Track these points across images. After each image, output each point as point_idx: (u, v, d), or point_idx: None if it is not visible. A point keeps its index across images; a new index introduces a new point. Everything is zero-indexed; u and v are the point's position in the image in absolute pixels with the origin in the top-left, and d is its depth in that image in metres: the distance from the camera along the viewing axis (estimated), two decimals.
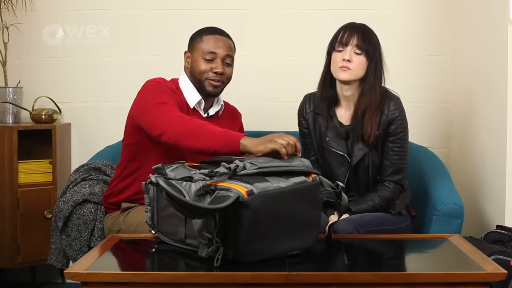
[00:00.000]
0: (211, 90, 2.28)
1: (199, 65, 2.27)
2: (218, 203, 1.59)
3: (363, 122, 2.23)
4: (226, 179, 1.70)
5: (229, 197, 1.60)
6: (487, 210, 2.64)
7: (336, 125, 2.29)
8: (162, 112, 2.10)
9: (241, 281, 1.57)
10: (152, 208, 1.89)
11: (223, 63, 2.28)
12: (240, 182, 1.66)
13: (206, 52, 2.26)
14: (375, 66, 2.22)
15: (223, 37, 2.32)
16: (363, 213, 2.21)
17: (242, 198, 1.61)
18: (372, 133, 2.22)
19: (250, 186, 1.63)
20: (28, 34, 3.15)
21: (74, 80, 3.19)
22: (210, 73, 2.26)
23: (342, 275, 1.62)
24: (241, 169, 1.71)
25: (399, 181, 2.28)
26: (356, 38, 2.20)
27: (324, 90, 2.30)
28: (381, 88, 2.25)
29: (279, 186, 1.69)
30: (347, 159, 2.27)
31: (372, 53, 2.21)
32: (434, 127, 3.18)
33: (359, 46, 2.19)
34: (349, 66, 2.19)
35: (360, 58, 2.20)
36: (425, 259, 1.90)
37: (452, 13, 3.12)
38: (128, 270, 1.63)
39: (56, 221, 2.40)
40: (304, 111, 2.35)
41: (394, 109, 2.24)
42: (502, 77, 2.46)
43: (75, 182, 2.50)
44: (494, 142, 2.57)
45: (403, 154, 2.28)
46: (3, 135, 2.87)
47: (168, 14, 3.14)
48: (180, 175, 1.74)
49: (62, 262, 2.43)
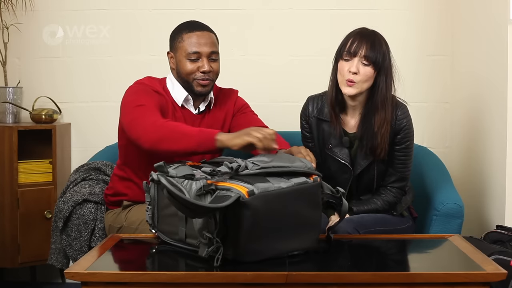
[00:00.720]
0: (200, 90, 2.22)
1: (184, 66, 2.20)
2: (219, 203, 1.59)
3: (373, 134, 2.16)
4: (227, 178, 1.69)
5: (229, 197, 1.60)
6: (487, 210, 2.64)
7: (341, 133, 2.24)
8: (137, 117, 2.06)
9: (241, 281, 1.57)
10: (152, 207, 1.88)
11: (209, 59, 2.21)
12: (241, 182, 1.65)
13: (189, 53, 2.19)
14: (385, 77, 2.13)
15: (204, 33, 2.22)
16: (363, 214, 2.20)
17: (243, 198, 1.61)
18: (385, 147, 2.17)
19: (251, 186, 1.63)
20: (28, 34, 3.15)
21: (74, 80, 3.19)
22: (197, 73, 2.20)
23: (342, 275, 1.61)
24: (243, 169, 1.71)
25: (402, 187, 2.28)
26: (364, 49, 2.10)
27: (334, 97, 2.21)
28: (392, 99, 2.18)
29: (280, 187, 1.68)
30: (349, 168, 2.24)
31: (381, 63, 2.11)
32: (434, 127, 3.18)
33: (367, 57, 2.10)
34: (354, 79, 2.10)
35: (367, 69, 2.11)
36: (425, 259, 1.90)
37: (452, 13, 3.12)
38: (128, 270, 1.63)
39: (56, 221, 2.40)
40: (307, 114, 2.29)
41: (401, 118, 2.18)
42: (502, 77, 2.46)
43: (75, 182, 2.51)
44: (494, 142, 2.56)
45: (407, 162, 2.25)
46: (3, 135, 2.87)
47: (168, 14, 3.14)
48: (181, 173, 1.74)
49: (62, 262, 2.43)
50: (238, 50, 3.17)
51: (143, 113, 2.07)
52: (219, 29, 3.14)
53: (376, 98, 2.15)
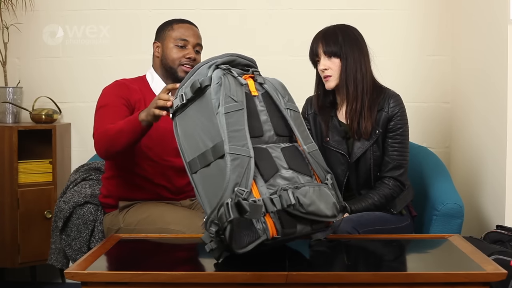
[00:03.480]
0: (184, 75, 2.29)
1: (171, 52, 2.34)
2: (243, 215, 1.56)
3: (356, 115, 2.25)
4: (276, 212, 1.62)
5: (258, 233, 1.59)
6: (487, 210, 2.64)
7: (336, 125, 2.30)
8: (95, 127, 2.21)
9: (241, 281, 1.57)
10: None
11: (194, 50, 2.36)
12: (276, 219, 1.61)
13: (178, 39, 2.34)
14: (346, 61, 2.24)
15: (193, 26, 2.41)
16: (362, 213, 2.21)
17: (267, 240, 1.60)
18: (365, 125, 2.23)
19: (280, 229, 1.60)
20: (28, 34, 3.15)
21: (74, 80, 3.19)
22: (183, 59, 2.33)
23: (342, 275, 1.61)
24: (290, 207, 1.62)
25: (399, 177, 2.28)
26: (321, 46, 2.26)
27: (320, 100, 2.34)
28: (366, 77, 2.25)
29: (300, 232, 1.68)
30: (346, 158, 2.27)
31: (340, 51, 2.24)
32: (434, 127, 3.18)
33: (326, 52, 2.25)
34: (328, 73, 2.25)
35: (334, 61, 2.25)
36: (425, 259, 1.90)
37: (452, 13, 3.12)
38: (128, 270, 1.63)
39: (56, 221, 2.40)
40: (306, 113, 2.39)
41: (394, 106, 2.26)
42: (502, 77, 2.46)
43: (75, 182, 2.51)
44: (494, 142, 2.56)
45: (402, 150, 2.28)
46: (3, 135, 2.87)
47: (168, 14, 3.11)
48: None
49: (62, 262, 2.43)
50: (238, 50, 3.16)
51: (102, 117, 2.21)
52: (219, 29, 3.18)
53: (350, 80, 2.24)
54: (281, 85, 1.88)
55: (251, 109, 1.74)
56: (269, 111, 1.79)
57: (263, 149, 1.71)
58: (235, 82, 1.74)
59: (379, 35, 3.08)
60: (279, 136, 1.78)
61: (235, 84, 1.73)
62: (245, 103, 1.70)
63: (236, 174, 1.59)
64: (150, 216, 2.20)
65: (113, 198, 2.35)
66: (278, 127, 1.79)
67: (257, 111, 1.76)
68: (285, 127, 1.81)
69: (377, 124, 2.25)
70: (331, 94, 2.33)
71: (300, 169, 1.73)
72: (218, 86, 1.70)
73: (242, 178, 1.59)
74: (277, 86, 1.85)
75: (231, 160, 1.60)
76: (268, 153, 1.71)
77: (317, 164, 1.79)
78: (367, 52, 2.28)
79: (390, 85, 2.34)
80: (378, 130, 2.25)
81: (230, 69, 1.77)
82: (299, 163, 1.75)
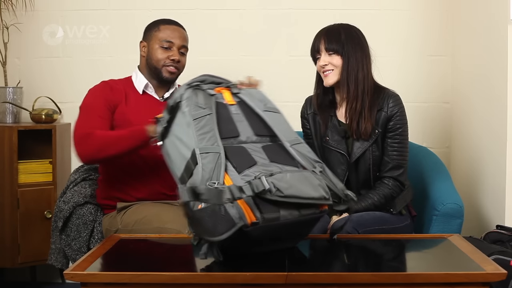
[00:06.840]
0: (167, 76, 2.39)
1: (156, 53, 2.39)
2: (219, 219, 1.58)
3: (355, 115, 2.25)
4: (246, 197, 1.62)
5: (232, 221, 1.58)
6: (487, 210, 2.64)
7: (336, 124, 2.31)
8: (77, 126, 2.24)
9: (241, 281, 1.57)
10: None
11: (179, 52, 2.40)
12: (253, 206, 1.61)
13: (163, 41, 2.38)
14: (348, 59, 2.24)
15: (179, 28, 2.44)
16: (362, 213, 2.21)
17: (246, 227, 1.59)
18: (365, 125, 2.23)
19: (259, 215, 1.60)
20: (28, 34, 3.15)
21: (74, 80, 3.19)
22: (167, 60, 2.38)
23: (342, 275, 1.61)
24: (265, 193, 1.62)
25: (398, 177, 2.28)
26: (323, 42, 2.27)
27: (320, 99, 2.34)
28: (368, 78, 2.26)
29: (286, 217, 1.66)
30: (346, 158, 2.27)
31: (342, 49, 2.24)
32: (434, 127, 3.18)
33: (328, 48, 2.26)
34: (328, 68, 2.26)
35: (335, 58, 2.25)
36: (425, 259, 1.90)
37: (452, 13, 3.12)
38: (128, 270, 1.63)
39: (56, 221, 2.40)
40: (305, 113, 2.40)
41: (393, 106, 2.26)
42: (502, 77, 2.46)
43: (75, 182, 2.51)
44: (494, 142, 2.56)
45: (402, 150, 2.28)
46: (3, 135, 2.87)
47: (168, 14, 3.11)
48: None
49: (62, 262, 2.43)
50: (238, 50, 3.17)
51: (78, 125, 2.25)
52: (219, 29, 3.18)
53: (351, 78, 2.25)
54: (259, 93, 1.98)
55: (224, 115, 1.83)
56: (246, 115, 1.88)
57: (238, 147, 1.77)
58: (204, 94, 1.85)
59: (380, 35, 3.07)
60: (259, 136, 1.84)
61: (203, 96, 1.84)
62: (214, 109, 1.81)
63: (207, 170, 1.64)
64: (147, 216, 2.21)
65: (111, 200, 2.36)
66: (257, 128, 1.85)
67: (230, 116, 1.85)
68: (265, 128, 1.87)
69: (376, 124, 2.25)
70: (330, 93, 2.33)
71: (284, 161, 1.77)
72: (188, 100, 1.81)
73: (213, 172, 1.64)
74: (254, 94, 1.95)
75: (202, 159, 1.67)
76: (243, 149, 1.77)
77: (302, 155, 1.81)
78: (369, 53, 2.28)
79: (391, 85, 2.34)
80: (378, 130, 2.25)
81: (199, 85, 1.88)
82: (283, 157, 1.79)
